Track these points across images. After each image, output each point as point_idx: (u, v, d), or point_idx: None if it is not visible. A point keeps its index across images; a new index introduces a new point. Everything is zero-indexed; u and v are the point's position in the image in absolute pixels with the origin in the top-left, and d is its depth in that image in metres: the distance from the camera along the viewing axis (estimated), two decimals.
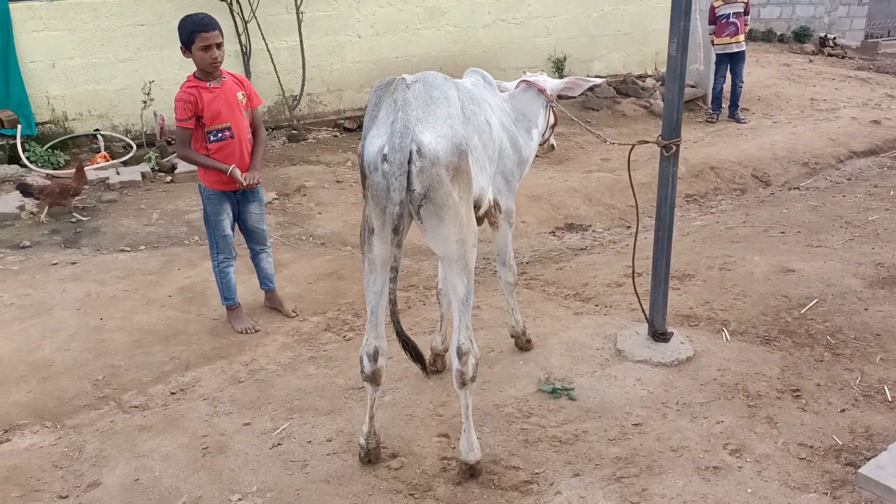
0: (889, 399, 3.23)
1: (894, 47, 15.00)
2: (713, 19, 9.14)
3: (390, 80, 2.61)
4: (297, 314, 4.34)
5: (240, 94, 3.93)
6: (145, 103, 7.10)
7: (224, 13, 7.24)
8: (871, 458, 2.79)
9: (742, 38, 9.12)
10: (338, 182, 6.77)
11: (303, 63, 7.93)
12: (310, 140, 7.90)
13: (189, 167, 6.46)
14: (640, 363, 3.57)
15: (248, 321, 4.19)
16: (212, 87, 3.81)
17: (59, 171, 6.63)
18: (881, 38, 16.15)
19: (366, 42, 8.41)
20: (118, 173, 6.60)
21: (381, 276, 2.67)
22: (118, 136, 7.32)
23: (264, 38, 7.69)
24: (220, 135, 3.86)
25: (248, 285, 4.52)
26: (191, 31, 3.69)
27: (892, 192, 6.50)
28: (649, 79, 10.19)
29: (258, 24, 7.61)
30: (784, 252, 5.00)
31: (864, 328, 3.87)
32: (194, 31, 3.68)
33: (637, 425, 3.09)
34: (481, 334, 3.95)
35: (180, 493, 2.80)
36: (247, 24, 7.57)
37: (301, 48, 7.89)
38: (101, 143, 7.15)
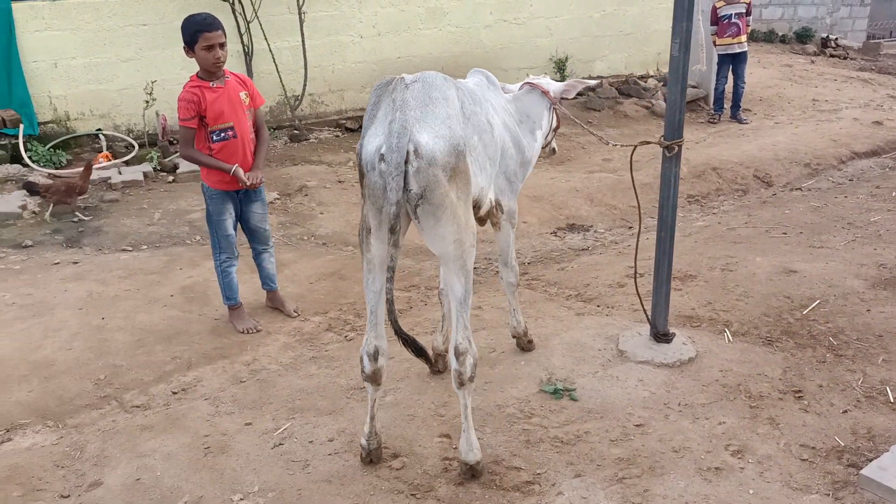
0: (891, 400, 3.23)
1: None
2: (715, 20, 9.13)
3: (390, 80, 2.61)
4: (298, 314, 4.35)
5: (243, 94, 3.94)
6: (147, 103, 7.11)
7: (226, 13, 7.25)
8: (872, 459, 2.79)
9: (744, 38, 9.10)
10: (339, 182, 6.77)
11: (305, 63, 7.93)
12: (311, 140, 7.90)
13: (191, 167, 6.47)
14: (642, 364, 3.57)
15: (250, 321, 4.20)
16: (215, 86, 3.82)
17: (62, 170, 6.64)
18: (883, 38, 16.12)
19: (367, 42, 8.41)
20: (120, 173, 6.61)
21: (380, 275, 2.66)
22: (120, 135, 7.32)
23: (266, 38, 7.70)
24: (222, 134, 3.87)
25: (250, 285, 4.52)
26: (194, 31, 3.70)
27: (893, 193, 6.49)
28: (651, 79, 10.18)
29: (260, 25, 7.62)
30: (786, 253, 5.00)
31: (867, 329, 3.86)
32: (198, 31, 3.69)
33: (639, 426, 3.09)
34: (483, 335, 3.95)
35: (182, 492, 2.81)
36: (249, 24, 7.57)
37: (303, 48, 7.89)
38: (102, 143, 7.15)
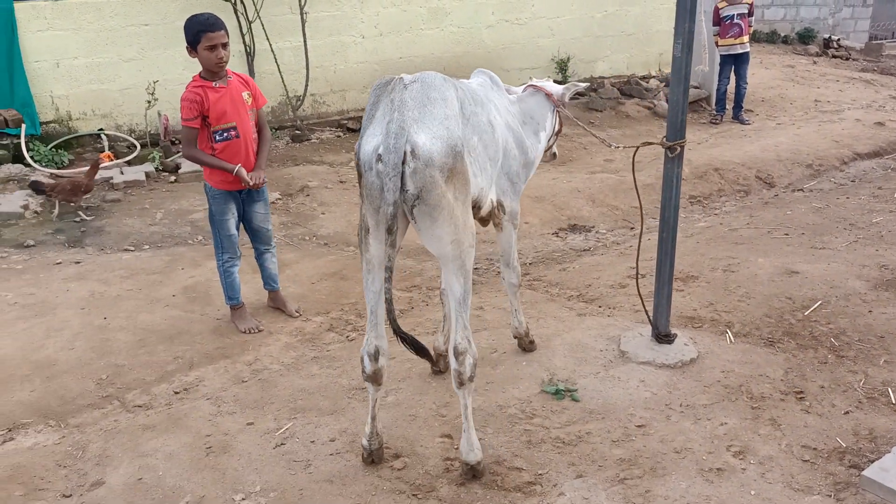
0: (893, 401, 3.22)
1: None
2: (717, 20, 9.13)
3: (388, 80, 2.61)
4: (300, 314, 4.35)
5: (245, 94, 3.94)
6: (149, 103, 7.11)
7: (228, 13, 7.25)
8: (874, 460, 2.79)
9: (746, 39, 9.10)
10: (341, 182, 6.77)
11: (306, 63, 7.94)
12: (313, 140, 7.90)
13: (193, 167, 6.48)
14: (644, 364, 3.57)
15: (252, 321, 4.20)
16: (217, 86, 3.82)
17: (64, 170, 6.65)
18: (885, 39, 16.12)
19: (369, 42, 8.42)
20: (122, 173, 6.62)
21: (379, 275, 2.66)
22: (122, 135, 7.33)
23: (268, 39, 7.71)
24: (225, 134, 3.87)
25: (252, 285, 4.52)
26: (197, 31, 3.70)
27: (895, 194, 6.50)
28: (653, 80, 10.18)
29: (262, 25, 7.62)
30: (788, 254, 4.99)
31: (868, 330, 3.86)
32: (200, 31, 3.69)
33: (640, 427, 3.09)
34: (484, 335, 3.95)
35: (184, 492, 2.81)
36: (251, 24, 7.58)
37: (305, 48, 7.90)
38: (104, 143, 7.16)
